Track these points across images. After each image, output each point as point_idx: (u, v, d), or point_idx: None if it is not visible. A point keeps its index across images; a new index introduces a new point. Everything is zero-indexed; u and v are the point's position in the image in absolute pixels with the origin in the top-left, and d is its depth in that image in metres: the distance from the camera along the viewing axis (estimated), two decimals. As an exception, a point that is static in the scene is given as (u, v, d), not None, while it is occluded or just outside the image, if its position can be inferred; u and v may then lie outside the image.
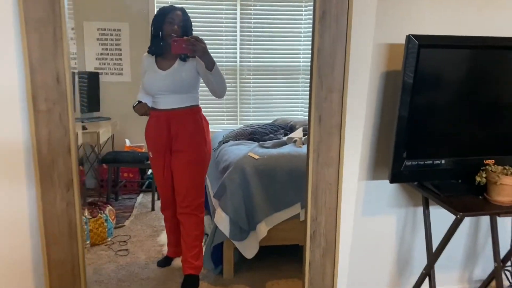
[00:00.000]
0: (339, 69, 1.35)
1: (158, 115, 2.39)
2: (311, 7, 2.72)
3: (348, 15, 1.33)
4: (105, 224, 3.14)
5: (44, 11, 1.25)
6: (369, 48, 1.51)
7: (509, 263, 2.17)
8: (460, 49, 1.73)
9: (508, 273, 2.22)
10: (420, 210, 2.10)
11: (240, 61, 4.54)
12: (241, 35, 4.48)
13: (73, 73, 3.94)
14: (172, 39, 2.15)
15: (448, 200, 1.77)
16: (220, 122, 4.60)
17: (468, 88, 1.81)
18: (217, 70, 2.21)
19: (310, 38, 1.42)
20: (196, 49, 2.11)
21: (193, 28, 2.41)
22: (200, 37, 2.14)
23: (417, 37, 1.66)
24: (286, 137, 3.20)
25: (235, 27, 4.46)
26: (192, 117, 2.40)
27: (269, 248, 2.69)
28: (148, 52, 2.43)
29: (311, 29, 1.47)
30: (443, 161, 1.84)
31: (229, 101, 4.58)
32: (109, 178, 3.86)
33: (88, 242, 2.99)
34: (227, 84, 2.33)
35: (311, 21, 1.44)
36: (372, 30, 1.51)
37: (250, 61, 4.56)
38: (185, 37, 2.15)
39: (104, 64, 4.32)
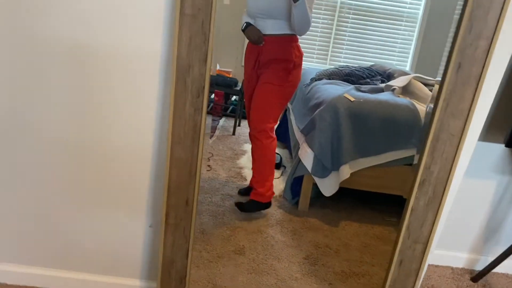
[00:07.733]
0: (494, 12, 1.24)
1: None
2: None
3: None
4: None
5: None
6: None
7: None
8: None
9: None
10: (523, 181, 1.99)
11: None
12: (346, -29, 4.22)
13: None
14: None
15: None
16: (309, 60, 4.50)
17: None
18: (302, 6, 2.16)
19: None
20: None
21: None
22: None
23: None
24: (384, 84, 3.08)
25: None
26: (286, 44, 2.42)
27: (347, 191, 2.70)
28: None
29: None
30: None
31: (323, 39, 4.42)
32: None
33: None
34: (323, 21, 2.31)
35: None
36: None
37: (351, 0, 4.32)
38: None
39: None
